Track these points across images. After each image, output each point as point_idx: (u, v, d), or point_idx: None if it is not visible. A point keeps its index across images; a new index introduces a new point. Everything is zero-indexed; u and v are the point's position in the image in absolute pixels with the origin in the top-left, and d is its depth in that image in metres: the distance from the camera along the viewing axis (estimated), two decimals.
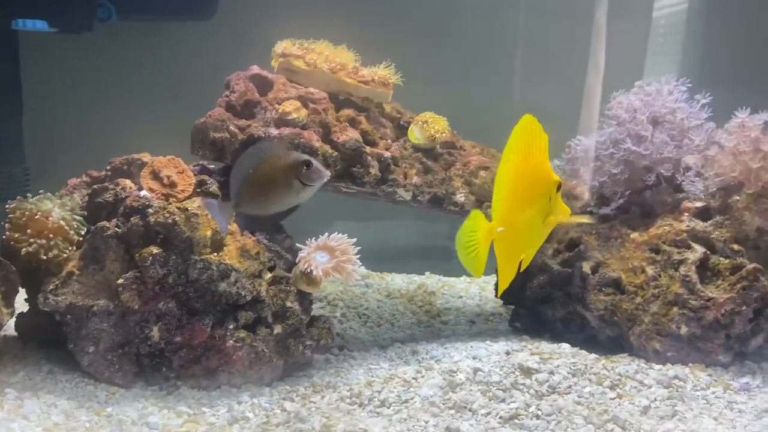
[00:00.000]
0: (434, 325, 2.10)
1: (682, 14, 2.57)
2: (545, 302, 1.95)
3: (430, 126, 1.87)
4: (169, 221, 1.50)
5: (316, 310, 2.19)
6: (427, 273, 2.64)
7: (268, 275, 1.60)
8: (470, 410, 1.42)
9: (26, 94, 2.24)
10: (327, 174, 1.41)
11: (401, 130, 1.92)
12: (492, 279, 2.38)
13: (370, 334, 2.01)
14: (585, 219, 1.83)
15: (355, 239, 1.63)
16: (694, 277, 1.71)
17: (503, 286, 1.29)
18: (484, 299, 2.34)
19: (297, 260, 1.59)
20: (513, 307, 2.06)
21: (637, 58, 2.55)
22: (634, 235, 1.84)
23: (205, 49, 2.46)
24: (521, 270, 1.28)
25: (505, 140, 1.23)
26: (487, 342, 1.85)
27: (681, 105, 1.76)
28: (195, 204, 1.53)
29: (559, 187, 1.27)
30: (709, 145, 1.76)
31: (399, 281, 2.54)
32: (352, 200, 1.92)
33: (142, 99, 2.35)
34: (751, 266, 1.68)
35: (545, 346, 1.80)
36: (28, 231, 1.52)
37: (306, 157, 1.39)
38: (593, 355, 1.74)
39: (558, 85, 2.40)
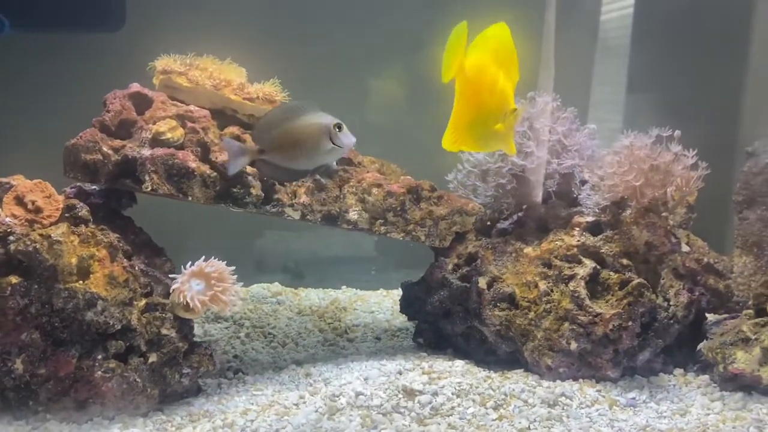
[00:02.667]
0: (339, 344, 2.06)
1: (628, 18, 2.59)
2: (446, 317, 1.93)
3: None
4: (30, 249, 1.43)
5: (221, 330, 2.15)
6: (344, 287, 2.61)
7: (142, 302, 1.54)
8: None
9: None
10: (353, 139, 1.50)
11: None
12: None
13: (272, 355, 1.97)
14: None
15: (233, 267, 1.58)
16: (583, 292, 1.71)
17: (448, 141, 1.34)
18: (395, 314, 2.30)
19: (171, 290, 1.54)
20: (417, 321, 2.04)
21: (586, 60, 2.57)
22: (528, 249, 1.83)
23: (110, 62, 2.38)
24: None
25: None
26: (384, 361, 1.82)
27: (564, 124, 1.76)
28: (59, 230, 1.47)
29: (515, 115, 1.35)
30: (597, 162, 1.76)
31: (313, 297, 2.50)
32: None
33: (35, 116, 2.27)
34: (635, 282, 1.68)
35: (439, 364, 1.78)
36: None
37: (337, 120, 1.47)
38: (484, 373, 1.73)
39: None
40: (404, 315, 2.11)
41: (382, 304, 2.42)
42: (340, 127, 1.47)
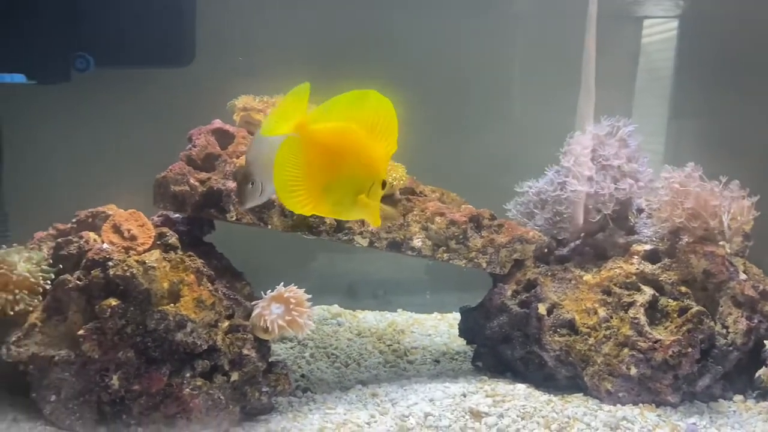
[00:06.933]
0: (400, 365, 2.14)
1: (671, 41, 2.62)
2: (505, 342, 1.99)
3: (388, 174, 1.93)
4: (128, 274, 1.56)
5: (286, 350, 2.25)
6: (399, 310, 2.69)
7: (226, 323, 1.65)
8: None
9: (7, 142, 2.31)
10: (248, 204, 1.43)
11: None
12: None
13: (336, 375, 2.06)
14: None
15: (307, 293, 1.68)
16: (643, 319, 1.76)
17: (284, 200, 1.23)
18: (452, 337, 2.38)
19: (252, 313, 1.65)
20: (476, 345, 2.11)
21: (627, 86, 2.61)
22: (587, 277, 1.89)
23: (184, 97, 2.51)
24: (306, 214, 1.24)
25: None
26: (446, 383, 1.89)
27: (625, 149, 1.83)
28: (153, 257, 1.59)
29: (384, 186, 1.25)
30: (652, 192, 1.82)
31: (371, 319, 2.59)
32: None
33: (122, 148, 2.41)
34: (695, 309, 1.73)
35: (501, 387, 1.84)
36: None
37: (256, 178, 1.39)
38: (546, 396, 1.79)
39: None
40: (462, 339, 2.18)
41: (438, 328, 2.49)
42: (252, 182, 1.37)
